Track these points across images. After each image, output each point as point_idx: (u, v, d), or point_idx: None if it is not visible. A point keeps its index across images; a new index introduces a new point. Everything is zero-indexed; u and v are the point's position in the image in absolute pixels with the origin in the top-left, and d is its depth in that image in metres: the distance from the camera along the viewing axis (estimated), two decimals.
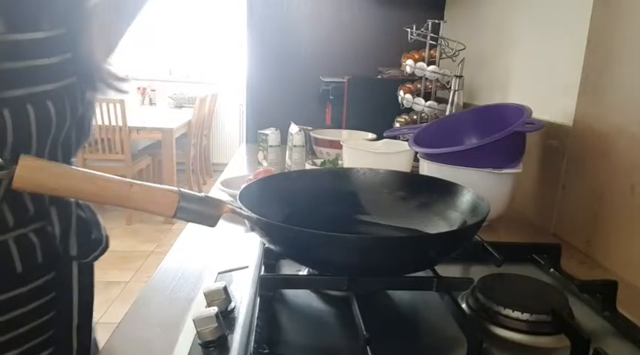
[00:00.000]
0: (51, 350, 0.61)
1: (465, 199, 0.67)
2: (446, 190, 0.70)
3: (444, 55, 1.41)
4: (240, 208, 0.55)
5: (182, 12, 4.67)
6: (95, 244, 0.63)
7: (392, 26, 1.67)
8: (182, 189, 0.52)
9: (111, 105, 3.37)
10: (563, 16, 0.98)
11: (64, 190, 0.48)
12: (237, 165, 1.47)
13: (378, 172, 0.76)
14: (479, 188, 0.67)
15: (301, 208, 0.70)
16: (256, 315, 0.54)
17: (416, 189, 0.74)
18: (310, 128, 1.47)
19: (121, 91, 0.65)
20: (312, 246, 0.54)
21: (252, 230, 0.57)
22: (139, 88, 4.80)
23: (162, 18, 4.52)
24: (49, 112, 0.54)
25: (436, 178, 0.75)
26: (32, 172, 0.46)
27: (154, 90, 4.87)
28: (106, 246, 0.64)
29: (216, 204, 0.53)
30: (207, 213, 0.52)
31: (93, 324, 0.67)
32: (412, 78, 1.49)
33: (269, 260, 0.66)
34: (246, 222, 0.57)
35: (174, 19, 4.66)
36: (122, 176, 0.51)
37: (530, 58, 1.11)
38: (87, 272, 0.64)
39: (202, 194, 0.54)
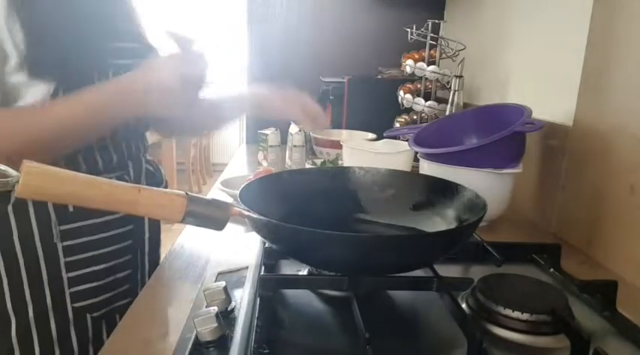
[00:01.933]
0: (129, 271, 0.83)
1: (463, 198, 0.67)
2: (444, 189, 0.70)
3: (444, 55, 1.41)
4: (248, 210, 0.55)
5: (182, 12, 4.67)
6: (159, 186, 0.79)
7: (392, 26, 1.67)
8: (189, 193, 0.51)
9: None
10: (563, 16, 0.98)
11: (71, 197, 0.47)
12: (237, 165, 1.47)
13: (377, 171, 0.76)
14: (479, 188, 0.67)
15: (301, 207, 0.70)
16: (256, 315, 0.54)
17: (414, 188, 0.74)
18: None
19: None
20: (313, 244, 0.54)
21: (257, 231, 0.57)
22: None
23: (162, 18, 4.52)
24: None
25: (434, 177, 0.75)
26: (37, 179, 0.44)
27: None
28: (166, 186, 0.90)
29: (224, 206, 0.52)
30: (214, 216, 0.51)
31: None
32: (412, 78, 1.49)
33: (269, 260, 0.66)
34: (248, 222, 0.57)
35: (174, 19, 4.66)
36: None
37: (530, 58, 1.11)
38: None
39: (209, 197, 0.53)
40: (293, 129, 1.31)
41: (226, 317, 0.56)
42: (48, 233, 0.72)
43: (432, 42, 1.41)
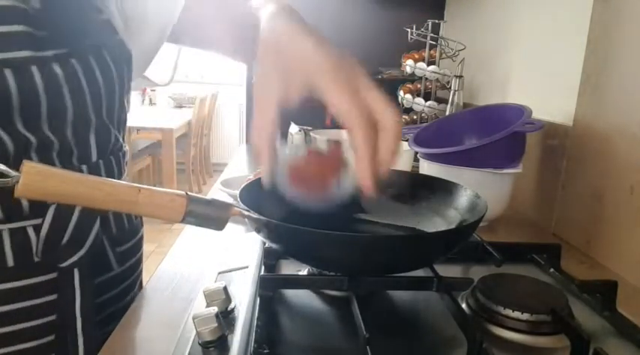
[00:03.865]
0: None
1: (463, 198, 0.67)
2: (444, 189, 0.70)
3: (444, 55, 1.41)
4: (248, 210, 0.55)
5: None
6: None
7: (392, 26, 1.67)
8: (189, 193, 0.50)
9: None
10: (563, 16, 0.98)
11: (71, 197, 0.46)
12: (237, 165, 1.47)
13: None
14: (479, 188, 0.67)
15: (300, 207, 0.70)
16: (256, 315, 0.54)
17: (414, 188, 0.74)
18: (310, 128, 1.47)
19: None
20: (313, 244, 0.54)
21: (257, 231, 0.57)
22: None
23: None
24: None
25: (434, 177, 0.75)
26: (37, 179, 0.43)
27: (154, 90, 4.87)
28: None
29: (224, 206, 0.52)
30: (214, 216, 0.51)
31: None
32: (412, 78, 1.49)
33: (269, 260, 0.66)
34: (248, 222, 0.57)
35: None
36: None
37: (530, 58, 1.11)
38: (89, 284, 0.60)
39: (209, 197, 0.53)
40: (293, 129, 1.31)
41: (226, 317, 0.56)
42: None
43: (432, 42, 1.41)
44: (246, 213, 0.54)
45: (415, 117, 1.47)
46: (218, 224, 0.52)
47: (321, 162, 0.46)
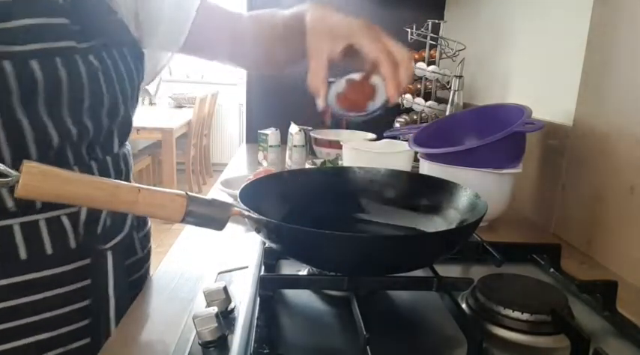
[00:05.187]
0: (88, 340, 0.62)
1: (463, 198, 0.67)
2: (444, 189, 0.70)
3: (444, 55, 1.41)
4: (248, 210, 0.55)
5: None
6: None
7: (392, 26, 1.65)
8: (189, 193, 0.50)
9: None
10: (563, 16, 0.98)
11: (72, 197, 0.46)
12: (237, 165, 1.47)
13: (377, 171, 0.76)
14: (479, 188, 0.67)
15: (300, 207, 0.70)
16: (256, 315, 0.54)
17: (414, 188, 0.74)
18: (310, 128, 1.47)
19: None
20: (313, 244, 0.54)
21: (257, 231, 0.57)
22: None
23: None
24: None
25: (434, 177, 0.75)
26: (37, 179, 0.43)
27: (153, 93, 4.87)
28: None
29: (224, 206, 0.52)
30: (214, 216, 0.51)
31: None
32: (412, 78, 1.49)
33: (269, 260, 0.66)
34: (248, 222, 0.57)
35: None
36: None
37: (530, 58, 1.11)
38: (122, 265, 0.66)
39: (209, 197, 0.53)
40: (293, 129, 1.31)
41: (226, 317, 0.56)
42: None
43: (432, 42, 1.41)
44: (246, 213, 0.54)
45: (415, 117, 1.47)
46: (218, 224, 0.52)
47: (358, 88, 0.65)
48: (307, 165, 1.24)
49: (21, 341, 0.57)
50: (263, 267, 0.65)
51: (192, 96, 4.48)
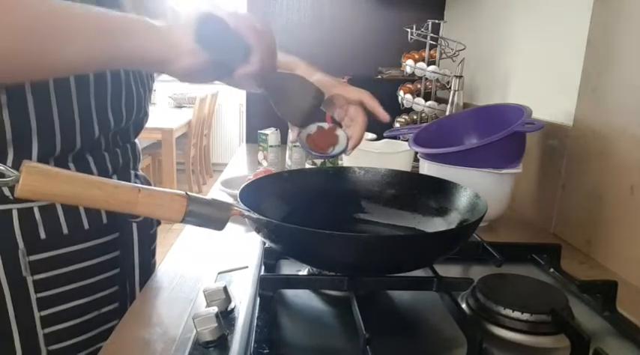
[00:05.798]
0: (116, 305, 0.72)
1: (464, 198, 0.67)
2: (444, 189, 0.70)
3: (444, 55, 1.41)
4: (248, 210, 0.55)
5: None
6: None
7: (392, 26, 1.67)
8: (189, 193, 0.50)
9: None
10: (563, 16, 0.98)
11: (72, 197, 0.46)
12: (237, 165, 1.47)
13: (377, 171, 0.76)
14: (479, 188, 0.67)
15: (300, 207, 0.70)
16: (256, 315, 0.54)
17: (414, 188, 0.74)
18: None
19: None
20: (313, 244, 0.54)
21: (257, 231, 0.57)
22: None
23: None
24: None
25: (434, 177, 0.75)
26: (37, 179, 0.43)
27: (154, 90, 4.85)
28: None
29: (224, 206, 0.52)
30: (215, 216, 0.51)
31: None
32: (412, 78, 1.49)
33: (269, 260, 0.66)
34: (248, 222, 0.57)
35: None
36: None
37: (530, 58, 1.11)
38: (147, 235, 0.78)
39: (209, 197, 0.53)
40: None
41: (226, 317, 0.56)
42: (15, 265, 0.61)
43: (432, 42, 1.41)
44: (246, 213, 0.54)
45: (415, 117, 1.47)
46: (218, 224, 0.52)
47: (324, 135, 0.72)
48: (307, 165, 1.23)
49: (67, 305, 0.65)
50: (263, 267, 0.65)
51: (192, 96, 4.48)
